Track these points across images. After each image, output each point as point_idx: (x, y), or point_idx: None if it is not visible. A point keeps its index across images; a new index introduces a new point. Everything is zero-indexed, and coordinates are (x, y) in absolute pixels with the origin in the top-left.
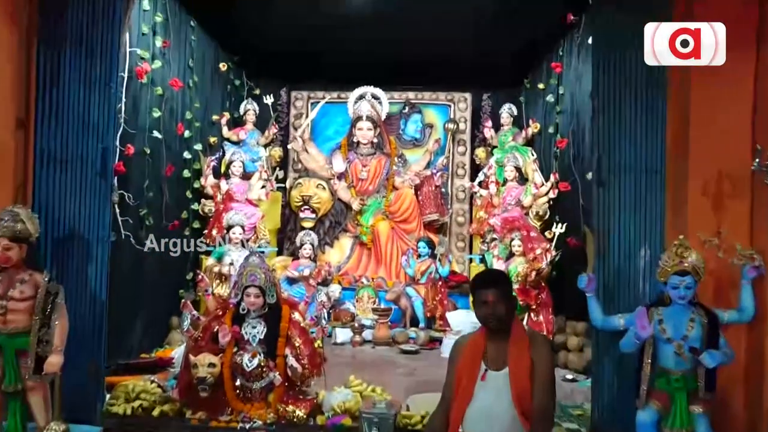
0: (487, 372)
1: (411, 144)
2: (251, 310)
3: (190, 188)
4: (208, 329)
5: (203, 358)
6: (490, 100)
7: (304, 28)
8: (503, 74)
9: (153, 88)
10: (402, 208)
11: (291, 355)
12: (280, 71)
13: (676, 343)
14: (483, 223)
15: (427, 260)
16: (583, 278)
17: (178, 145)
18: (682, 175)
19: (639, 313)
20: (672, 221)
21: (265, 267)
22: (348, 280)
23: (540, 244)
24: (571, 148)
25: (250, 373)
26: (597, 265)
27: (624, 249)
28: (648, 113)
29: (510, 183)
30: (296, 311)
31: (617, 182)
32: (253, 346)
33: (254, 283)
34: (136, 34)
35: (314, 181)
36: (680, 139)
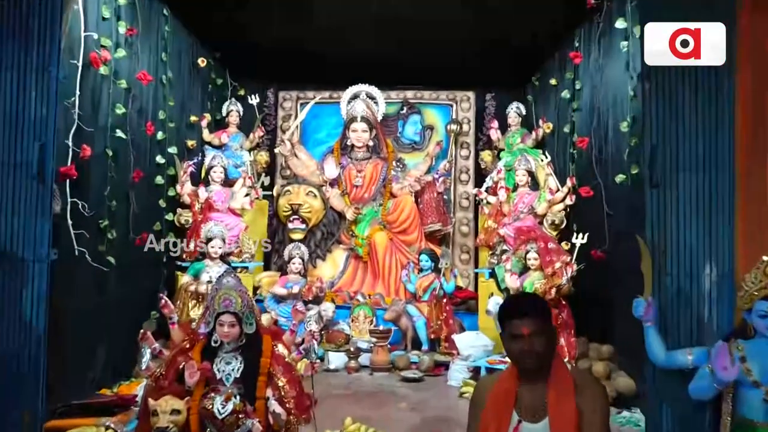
0: (521, 424)
1: (410, 147)
2: (225, 343)
3: (164, 196)
4: (173, 366)
5: (165, 402)
6: (494, 100)
7: (293, 22)
8: (508, 71)
9: (116, 81)
10: (401, 217)
11: (273, 398)
12: (267, 69)
13: (765, 388)
14: (492, 234)
15: (429, 275)
16: (640, 303)
17: (149, 148)
18: (757, 174)
19: (718, 350)
20: (745, 230)
21: (242, 289)
22: (342, 298)
23: (559, 257)
24: (593, 149)
25: (222, 421)
26: (655, 286)
27: (684, 265)
28: (712, 97)
29: (521, 189)
30: (280, 343)
31: (674, 182)
32: (227, 386)
33: (229, 310)
34: (94, 17)
35: (304, 188)
36: (754, 129)
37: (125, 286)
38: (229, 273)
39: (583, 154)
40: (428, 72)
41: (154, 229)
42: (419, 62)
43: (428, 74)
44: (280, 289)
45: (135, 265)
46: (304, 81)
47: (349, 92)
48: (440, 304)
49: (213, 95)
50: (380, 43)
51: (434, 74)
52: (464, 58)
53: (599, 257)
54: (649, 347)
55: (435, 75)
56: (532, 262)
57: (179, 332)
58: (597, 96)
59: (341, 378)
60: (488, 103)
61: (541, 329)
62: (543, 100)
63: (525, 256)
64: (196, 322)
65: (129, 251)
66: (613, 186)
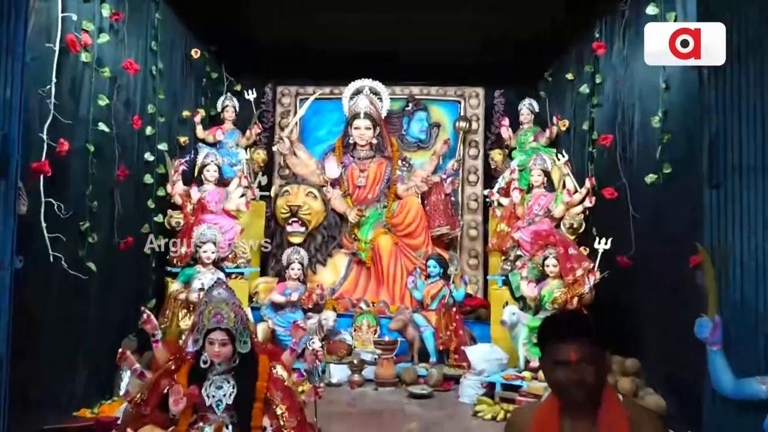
0: None
1: (415, 146)
2: (216, 364)
3: (153, 197)
4: (155, 391)
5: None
6: (503, 96)
7: (292, 13)
8: (519, 66)
9: (99, 70)
10: (407, 219)
11: (271, 428)
12: (265, 63)
13: None
14: (505, 238)
15: (438, 282)
16: (705, 324)
17: (136, 144)
18: None
19: None
20: None
21: (235, 302)
22: (344, 305)
23: (581, 264)
24: (617, 147)
25: None
26: (722, 303)
27: (749, 278)
28: None
29: (536, 190)
30: (279, 364)
31: (738, 183)
32: (217, 414)
33: (220, 326)
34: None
35: (304, 188)
36: None
37: (108, 295)
38: (221, 284)
39: (605, 153)
40: (435, 67)
41: (142, 231)
42: (426, 56)
43: (435, 69)
44: (278, 296)
45: (119, 271)
46: (303, 75)
47: (352, 87)
48: (449, 313)
49: (207, 90)
50: (384, 36)
51: (441, 69)
52: (473, 53)
53: (626, 264)
54: (715, 375)
55: (442, 70)
56: (551, 269)
57: (163, 351)
58: (621, 90)
59: (344, 393)
60: (497, 100)
61: (591, 355)
62: (557, 96)
63: (543, 263)
64: (183, 340)
65: (113, 256)
66: (639, 186)
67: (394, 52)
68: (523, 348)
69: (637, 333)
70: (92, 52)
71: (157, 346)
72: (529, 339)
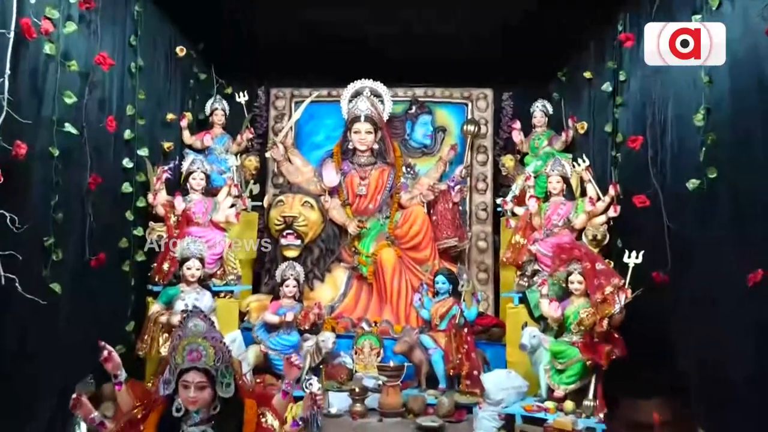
0: None
1: (419, 152)
2: (192, 412)
3: (132, 207)
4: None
5: None
6: (511, 99)
7: (286, 10)
8: (530, 65)
9: (66, 63)
10: (411, 231)
11: None
12: (257, 63)
13: None
14: (521, 251)
15: (447, 299)
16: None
17: (112, 149)
18: None
19: None
20: None
21: (215, 336)
22: (344, 325)
23: (610, 280)
24: (648, 150)
25: None
26: None
27: None
28: None
29: (554, 198)
30: (269, 411)
31: None
32: None
33: (196, 365)
34: None
35: (299, 198)
36: None
37: (78, 321)
38: (197, 314)
39: (633, 157)
40: (440, 67)
41: (120, 246)
42: (430, 55)
43: (440, 69)
44: (271, 316)
45: (92, 292)
46: (299, 77)
47: (351, 89)
48: (460, 333)
49: (195, 92)
50: (386, 34)
51: (447, 69)
52: (480, 51)
53: (662, 281)
54: None
55: (448, 70)
56: (575, 286)
57: (128, 396)
58: (652, 86)
59: (344, 426)
60: (505, 103)
61: (678, 417)
62: (572, 96)
63: (566, 279)
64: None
65: (84, 275)
66: (675, 193)
67: (397, 51)
68: (545, 375)
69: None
70: (57, 43)
71: (120, 389)
72: (551, 365)
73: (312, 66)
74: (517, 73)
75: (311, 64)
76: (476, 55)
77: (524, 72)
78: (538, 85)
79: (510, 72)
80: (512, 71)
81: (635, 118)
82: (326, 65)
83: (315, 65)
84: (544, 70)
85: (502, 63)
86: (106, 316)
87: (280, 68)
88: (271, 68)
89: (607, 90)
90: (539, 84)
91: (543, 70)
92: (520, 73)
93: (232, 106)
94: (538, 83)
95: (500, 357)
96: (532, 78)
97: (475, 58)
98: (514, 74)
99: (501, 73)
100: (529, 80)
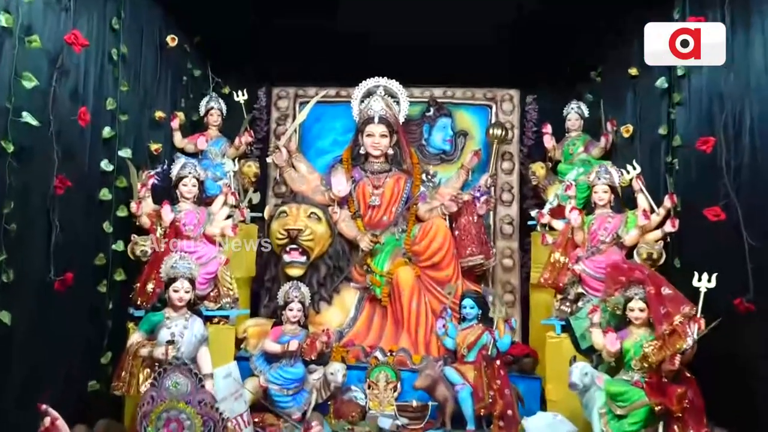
0: None
1: (437, 158)
2: None
3: (112, 218)
4: None
5: None
6: (536, 102)
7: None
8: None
9: (27, 39)
10: (432, 247)
11: None
12: (258, 58)
13: None
14: (562, 271)
15: (476, 326)
16: None
17: (87, 148)
18: None
19: None
20: None
21: (203, 399)
22: (354, 354)
23: (680, 308)
24: (722, 154)
25: None
26: None
27: None
28: None
29: (601, 210)
30: None
31: None
32: None
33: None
34: None
35: (304, 208)
36: None
37: (38, 356)
38: (177, 368)
39: (695, 162)
40: (461, 64)
41: (95, 264)
42: (450, 52)
43: (461, 67)
44: (272, 344)
45: (57, 320)
46: (304, 75)
47: (363, 88)
48: (492, 366)
49: (189, 89)
50: (401, 28)
51: (468, 67)
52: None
53: (747, 309)
54: None
55: (469, 68)
56: (636, 315)
57: None
58: (724, 79)
59: None
60: (529, 107)
61: None
62: (611, 96)
63: (624, 306)
64: None
65: (46, 300)
66: (758, 206)
67: (413, 46)
68: (600, 420)
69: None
70: (16, 14)
71: None
72: (608, 408)
73: (318, 63)
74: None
75: (318, 60)
76: (500, 52)
77: (553, 72)
78: (566, 86)
79: (537, 71)
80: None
81: (699, 117)
82: (334, 62)
83: (322, 62)
84: (575, 69)
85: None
86: (77, 348)
87: (284, 65)
88: (273, 64)
89: (661, 86)
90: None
91: (574, 69)
92: (549, 73)
93: (229, 106)
94: (566, 84)
95: (534, 392)
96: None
97: (499, 56)
98: (541, 74)
99: (528, 73)
100: (557, 81)
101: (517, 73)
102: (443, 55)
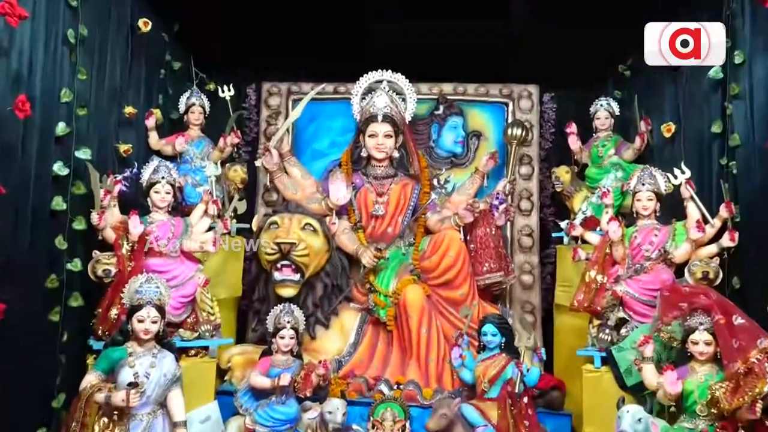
0: None
1: (447, 162)
2: None
3: (66, 231)
4: None
5: None
6: (553, 101)
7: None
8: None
9: None
10: (444, 263)
11: None
12: (246, 51)
13: None
14: (599, 292)
15: (498, 356)
16: None
17: (34, 147)
18: None
19: None
20: None
21: None
22: (356, 388)
23: (757, 342)
24: None
25: None
26: None
27: None
28: None
29: (644, 221)
30: None
31: None
32: None
33: None
34: None
35: (298, 219)
36: None
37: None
38: None
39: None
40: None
41: (47, 287)
42: (459, 44)
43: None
44: (260, 378)
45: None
46: (297, 68)
47: (364, 82)
48: (519, 405)
49: (167, 84)
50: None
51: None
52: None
53: None
54: None
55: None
56: (700, 349)
57: None
58: None
59: None
60: (547, 106)
61: None
62: (646, 92)
63: (684, 338)
64: None
65: None
66: None
67: (419, 38)
68: None
69: None
70: None
71: None
72: None
73: (313, 56)
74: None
75: (313, 53)
76: (517, 44)
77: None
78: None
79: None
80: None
81: (763, 112)
82: (332, 54)
83: (317, 55)
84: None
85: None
86: (22, 390)
87: (275, 58)
88: (263, 58)
89: (715, 76)
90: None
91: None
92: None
93: (214, 104)
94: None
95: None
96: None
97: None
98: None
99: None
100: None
101: (536, 67)
102: (453, 47)
